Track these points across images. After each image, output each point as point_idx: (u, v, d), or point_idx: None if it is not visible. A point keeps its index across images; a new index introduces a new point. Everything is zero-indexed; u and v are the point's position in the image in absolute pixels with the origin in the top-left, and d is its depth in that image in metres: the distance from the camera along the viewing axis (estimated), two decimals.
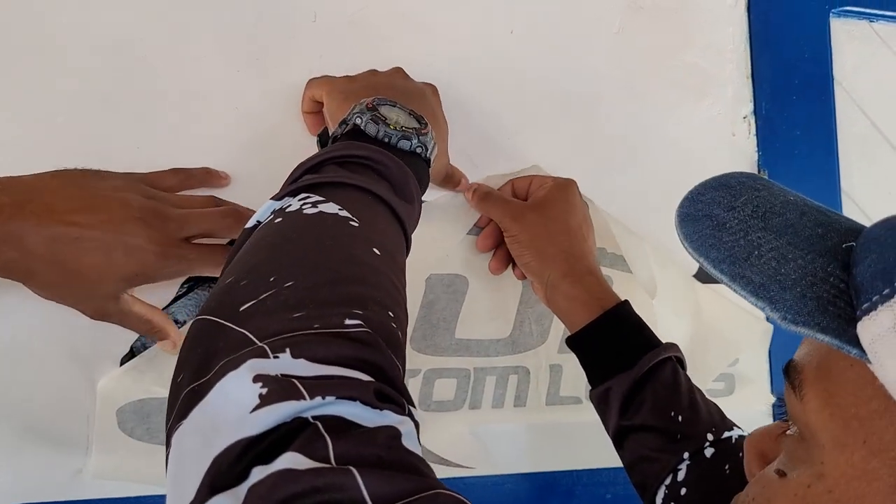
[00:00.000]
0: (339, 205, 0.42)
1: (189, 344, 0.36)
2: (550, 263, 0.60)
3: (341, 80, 0.60)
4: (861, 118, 0.85)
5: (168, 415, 0.33)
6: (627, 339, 0.58)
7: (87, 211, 0.48)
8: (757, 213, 0.34)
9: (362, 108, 0.49)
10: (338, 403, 0.30)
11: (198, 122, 0.61)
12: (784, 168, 0.79)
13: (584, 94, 0.73)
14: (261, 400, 0.30)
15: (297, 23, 0.64)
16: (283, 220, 0.41)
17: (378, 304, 0.37)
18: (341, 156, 0.46)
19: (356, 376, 0.32)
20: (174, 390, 0.34)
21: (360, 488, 0.27)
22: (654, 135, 0.75)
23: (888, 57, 0.87)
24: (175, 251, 0.51)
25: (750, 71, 0.79)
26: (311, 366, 0.32)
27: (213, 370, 0.32)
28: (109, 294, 0.51)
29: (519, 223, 0.62)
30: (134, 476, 0.57)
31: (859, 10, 0.85)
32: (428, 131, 0.51)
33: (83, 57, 0.59)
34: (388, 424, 0.31)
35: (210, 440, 0.29)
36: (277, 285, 0.36)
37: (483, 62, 0.70)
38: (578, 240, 0.62)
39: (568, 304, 0.60)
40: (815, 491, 0.30)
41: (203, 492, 0.28)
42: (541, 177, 0.66)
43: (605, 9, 0.74)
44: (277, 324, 0.33)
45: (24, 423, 0.55)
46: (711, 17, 0.78)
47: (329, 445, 0.29)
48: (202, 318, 0.36)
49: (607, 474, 0.70)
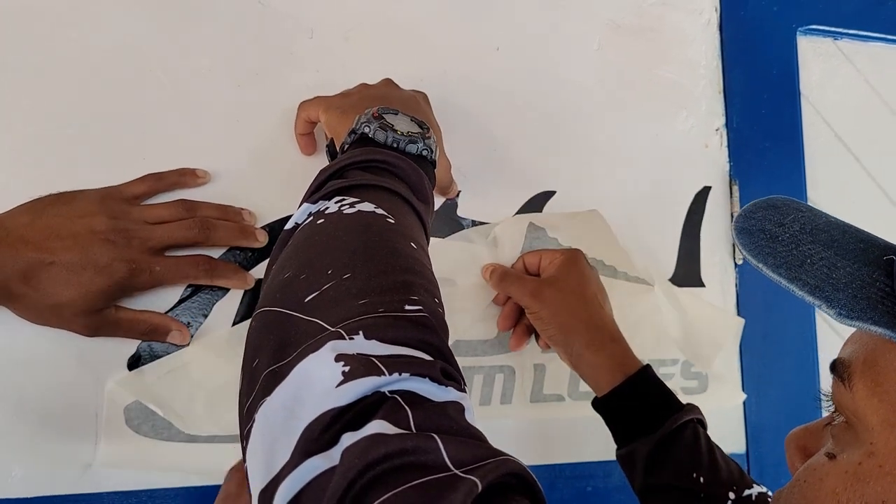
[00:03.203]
0: (374, 204, 0.45)
1: (259, 332, 0.39)
2: (573, 335, 0.63)
3: (336, 97, 0.62)
4: (826, 130, 0.89)
5: (246, 394, 0.37)
6: (650, 403, 0.61)
7: (56, 238, 0.53)
8: (805, 230, 0.39)
9: (369, 118, 0.52)
10: (411, 380, 0.34)
11: (201, 133, 0.64)
12: (754, 177, 0.83)
13: (567, 106, 0.77)
14: (344, 376, 0.33)
15: (295, 39, 0.68)
16: (325, 220, 0.44)
17: (426, 291, 0.41)
18: (362, 160, 0.49)
19: (421, 356, 0.36)
20: (250, 372, 0.38)
21: (441, 451, 0.31)
22: (633, 145, 0.79)
23: (851, 73, 0.91)
24: (142, 265, 0.56)
25: (722, 86, 0.83)
26: (382, 346, 0.35)
27: (291, 354, 0.35)
28: (91, 309, 0.55)
29: (538, 300, 0.64)
30: (140, 465, 0.59)
31: (824, 28, 0.89)
32: (431, 135, 0.54)
33: (91, 70, 0.62)
34: (454, 400, 0.35)
35: (296, 412, 0.33)
36: (336, 277, 0.39)
37: (471, 77, 0.73)
38: (596, 308, 0.65)
39: (593, 372, 0.62)
40: (865, 467, 0.34)
41: (297, 456, 0.32)
42: (549, 251, 0.69)
43: (586, 27, 0.78)
44: (345, 310, 0.37)
45: (37, 420, 0.57)
46: (685, 35, 0.82)
47: (409, 416, 0.32)
48: (269, 310, 0.40)
49: (587, 468, 0.73)
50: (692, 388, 0.77)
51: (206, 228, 0.59)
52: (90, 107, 0.61)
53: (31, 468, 0.57)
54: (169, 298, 0.61)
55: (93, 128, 0.61)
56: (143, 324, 0.59)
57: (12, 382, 0.57)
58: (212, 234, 0.60)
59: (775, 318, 0.82)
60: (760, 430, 0.80)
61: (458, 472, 0.30)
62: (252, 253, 0.63)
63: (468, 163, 0.71)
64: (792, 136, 0.86)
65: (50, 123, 0.60)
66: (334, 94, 0.63)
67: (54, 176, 0.58)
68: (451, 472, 0.30)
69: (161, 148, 0.63)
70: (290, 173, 0.65)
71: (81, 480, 0.58)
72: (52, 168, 0.59)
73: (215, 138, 0.64)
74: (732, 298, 0.81)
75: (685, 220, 0.80)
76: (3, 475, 0.56)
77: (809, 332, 0.84)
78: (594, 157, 0.77)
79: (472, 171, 0.72)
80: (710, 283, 0.80)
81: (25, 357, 0.57)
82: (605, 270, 0.75)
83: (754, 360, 0.81)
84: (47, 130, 0.60)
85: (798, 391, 0.82)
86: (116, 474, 0.59)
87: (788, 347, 0.83)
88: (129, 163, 0.61)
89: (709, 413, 0.77)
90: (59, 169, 0.59)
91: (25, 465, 0.57)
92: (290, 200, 0.65)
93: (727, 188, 0.82)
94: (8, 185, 0.58)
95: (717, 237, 0.81)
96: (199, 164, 0.63)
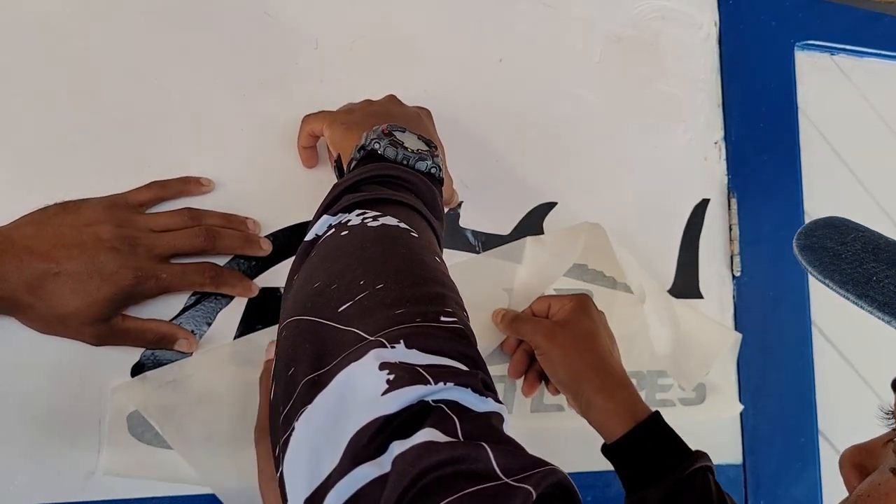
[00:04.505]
0: (396, 218, 0.45)
1: (293, 341, 0.39)
2: (583, 379, 0.63)
3: (340, 112, 0.62)
4: (823, 144, 0.90)
5: (283, 402, 0.37)
6: (660, 450, 0.60)
7: (62, 247, 0.53)
8: (867, 249, 0.40)
9: (378, 135, 0.52)
10: (454, 389, 0.34)
11: (205, 142, 0.64)
12: (752, 190, 0.84)
13: (567, 118, 0.78)
14: (388, 384, 0.33)
15: (300, 50, 0.68)
16: (349, 232, 0.44)
17: (457, 304, 0.41)
18: (377, 175, 0.49)
19: (460, 367, 0.36)
20: (287, 382, 0.37)
21: (490, 460, 0.31)
22: (632, 157, 0.80)
23: (847, 87, 0.92)
24: (148, 272, 0.56)
25: (721, 99, 0.84)
26: (423, 355, 0.35)
27: (331, 363, 0.36)
28: (98, 318, 0.56)
29: (549, 340, 0.65)
30: (144, 473, 0.59)
31: (822, 43, 0.91)
32: (438, 153, 0.54)
33: (96, 79, 0.62)
34: (495, 410, 0.35)
35: (340, 420, 0.33)
36: (369, 287, 0.39)
37: (473, 88, 0.74)
38: (606, 354, 0.65)
39: (603, 418, 0.62)
40: None
41: (345, 463, 0.31)
42: (558, 297, 0.69)
43: (587, 40, 0.79)
44: (382, 320, 0.37)
45: (40, 427, 0.57)
46: (685, 49, 0.83)
47: (457, 424, 0.33)
48: (302, 319, 0.40)
49: (587, 478, 0.73)
50: (689, 400, 0.78)
51: (211, 236, 0.60)
52: (95, 115, 0.62)
53: (34, 475, 0.57)
54: (174, 306, 0.61)
55: (98, 136, 0.61)
56: (150, 333, 0.59)
57: (16, 389, 0.57)
58: (217, 243, 0.60)
59: (772, 330, 0.83)
60: (757, 441, 0.81)
61: (509, 481, 0.30)
62: (256, 262, 0.64)
63: (470, 173, 0.72)
64: (789, 150, 0.87)
65: (55, 132, 0.60)
66: (339, 106, 0.63)
67: (59, 185, 0.58)
68: (503, 481, 0.30)
69: (166, 157, 0.63)
70: (294, 183, 0.66)
71: (85, 488, 0.58)
72: (56, 177, 0.59)
73: (220, 147, 0.64)
74: (730, 310, 0.82)
75: (684, 232, 0.81)
76: (7, 482, 0.56)
77: (806, 344, 0.85)
78: (594, 168, 0.78)
79: (474, 182, 0.72)
80: (707, 295, 0.81)
81: (29, 364, 0.57)
82: (605, 282, 0.76)
83: (751, 371, 0.82)
84: (52, 139, 0.60)
85: (795, 403, 0.83)
86: (120, 482, 0.59)
87: (785, 359, 0.83)
88: (134, 171, 0.61)
89: (706, 424, 0.78)
90: (64, 178, 0.59)
91: (28, 472, 0.57)
92: (294, 210, 0.66)
93: (725, 201, 0.83)
94: (12, 195, 0.58)
95: (716, 249, 0.82)
96: (204, 172, 0.63)
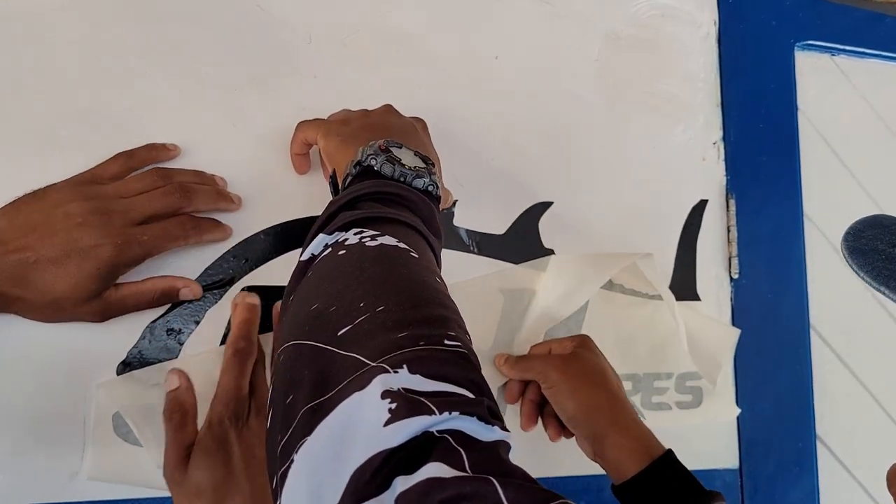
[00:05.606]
0: (395, 238, 0.44)
1: (291, 366, 0.38)
2: (597, 413, 0.62)
3: (335, 122, 0.60)
4: (822, 145, 0.89)
5: (280, 431, 0.35)
6: (676, 490, 0.59)
7: (34, 234, 0.52)
8: None
9: (375, 150, 0.51)
10: (460, 419, 0.32)
11: (196, 137, 0.63)
12: (750, 191, 0.83)
13: (565, 117, 0.77)
14: (391, 414, 0.31)
15: (293, 44, 0.67)
16: (347, 252, 0.43)
17: (459, 326, 0.39)
18: (374, 192, 0.48)
19: (466, 394, 0.34)
20: (285, 410, 0.35)
21: (499, 495, 0.29)
22: (630, 157, 0.79)
23: (847, 88, 0.91)
24: (128, 238, 0.54)
25: (720, 99, 0.83)
26: (427, 382, 0.33)
27: (332, 390, 0.34)
28: (89, 296, 0.54)
29: (561, 373, 0.63)
30: (128, 478, 0.58)
31: (822, 44, 0.90)
32: (435, 170, 0.53)
33: (87, 73, 0.61)
34: (502, 439, 0.33)
35: (341, 454, 0.31)
36: (369, 310, 0.37)
37: (469, 85, 0.73)
38: (616, 389, 0.64)
39: (617, 454, 0.60)
40: None
41: (347, 501, 0.30)
42: (557, 340, 0.68)
43: (585, 37, 0.78)
44: (384, 344, 0.35)
45: (23, 427, 0.56)
46: (684, 47, 0.83)
47: (464, 457, 0.31)
48: (300, 343, 0.38)
49: (580, 482, 0.72)
50: (687, 403, 0.77)
51: (186, 193, 0.58)
52: (84, 109, 0.61)
53: (16, 476, 0.56)
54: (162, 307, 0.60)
55: (86, 131, 0.60)
56: (149, 292, 0.58)
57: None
58: (192, 199, 0.58)
59: (770, 333, 0.82)
60: (754, 445, 0.80)
61: None
62: (246, 261, 0.63)
63: (465, 172, 0.71)
64: (789, 151, 0.86)
65: (43, 125, 0.59)
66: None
67: (46, 180, 0.57)
68: None
69: None
70: (285, 180, 0.65)
71: (68, 489, 0.57)
72: (43, 172, 0.58)
73: (211, 143, 0.63)
74: (728, 312, 0.81)
75: (681, 233, 0.80)
76: None
77: (804, 347, 0.84)
78: (591, 167, 0.77)
79: (469, 181, 0.71)
80: (705, 297, 0.80)
81: (12, 361, 0.56)
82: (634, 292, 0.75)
83: (748, 374, 0.81)
84: (39, 134, 0.59)
85: (792, 407, 0.82)
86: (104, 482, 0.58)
87: (783, 362, 0.83)
88: None
89: (702, 428, 0.77)
90: (51, 173, 0.58)
91: (10, 472, 0.56)
92: (285, 206, 0.65)
93: (724, 202, 0.82)
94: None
95: (714, 251, 0.81)
96: (194, 167, 0.62)
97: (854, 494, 0.84)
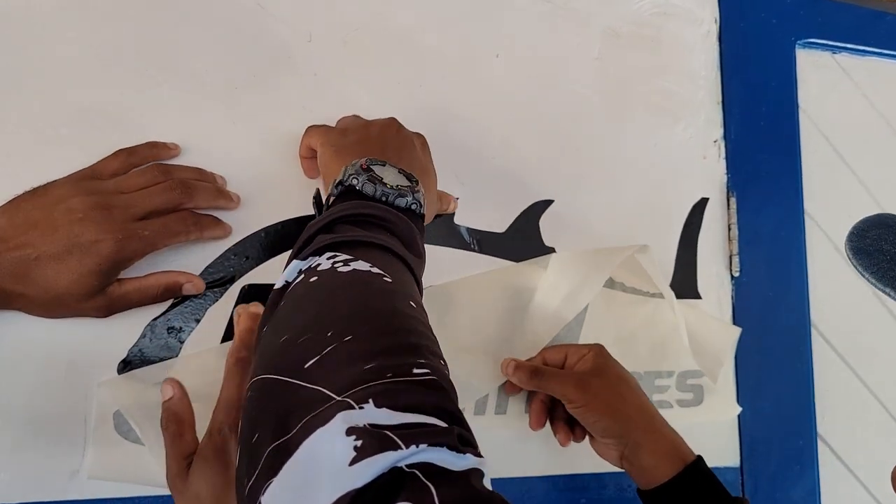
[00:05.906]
0: (369, 262, 0.43)
1: (256, 402, 0.37)
2: (630, 423, 0.62)
3: (335, 132, 0.61)
4: (823, 144, 0.89)
5: (247, 472, 0.34)
6: (707, 494, 0.59)
7: (35, 230, 0.52)
8: None
9: (357, 170, 0.50)
10: (428, 451, 0.31)
11: (196, 135, 0.63)
12: (751, 190, 0.83)
13: (565, 115, 0.76)
14: (357, 452, 0.30)
15: (293, 42, 0.67)
16: (318, 278, 0.42)
17: (432, 353, 0.38)
18: (352, 215, 0.47)
19: (436, 423, 0.33)
20: (250, 449, 0.34)
21: None
22: (631, 155, 0.78)
23: (849, 86, 0.91)
24: (129, 233, 0.54)
25: (721, 97, 0.83)
26: (394, 414, 0.32)
27: (295, 427, 0.33)
28: (92, 291, 0.54)
29: (586, 392, 0.62)
30: (128, 477, 0.58)
31: (823, 42, 0.90)
32: (419, 188, 0.52)
33: (86, 71, 0.61)
34: (474, 467, 0.32)
35: (307, 495, 0.30)
36: (336, 340, 0.37)
37: (469, 83, 0.73)
38: (641, 395, 0.64)
39: (654, 460, 0.60)
40: None
41: None
42: (575, 346, 0.68)
43: (585, 35, 0.78)
44: (350, 376, 0.34)
45: (23, 426, 0.56)
46: (685, 45, 0.82)
47: (433, 492, 0.30)
48: (265, 378, 0.37)
49: (582, 480, 0.72)
50: (687, 401, 0.77)
51: (187, 189, 0.58)
52: (85, 107, 0.61)
53: (16, 474, 0.56)
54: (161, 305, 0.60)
55: (87, 128, 0.60)
56: (152, 288, 0.58)
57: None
58: (193, 195, 0.58)
59: (771, 332, 0.82)
60: (755, 443, 0.80)
61: None
62: (246, 259, 0.63)
63: (465, 170, 0.71)
64: (790, 149, 0.86)
65: (42, 125, 0.59)
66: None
67: (45, 177, 0.57)
68: None
69: None
70: (285, 178, 0.65)
71: (69, 487, 0.57)
72: (44, 170, 0.58)
73: (210, 141, 0.63)
74: (728, 311, 0.81)
75: (682, 231, 0.80)
76: None
77: (805, 345, 0.84)
78: (592, 165, 0.77)
79: (470, 179, 0.71)
80: (706, 295, 0.80)
81: (13, 360, 0.56)
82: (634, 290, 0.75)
83: (749, 373, 0.81)
84: (39, 132, 0.59)
85: (793, 405, 0.82)
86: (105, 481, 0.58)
87: (784, 361, 0.82)
88: None
89: (703, 426, 0.77)
90: (52, 171, 0.58)
91: (11, 470, 0.56)
92: (287, 204, 0.65)
93: (724, 200, 0.82)
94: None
95: (714, 249, 0.81)
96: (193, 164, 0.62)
97: (855, 492, 0.84)
